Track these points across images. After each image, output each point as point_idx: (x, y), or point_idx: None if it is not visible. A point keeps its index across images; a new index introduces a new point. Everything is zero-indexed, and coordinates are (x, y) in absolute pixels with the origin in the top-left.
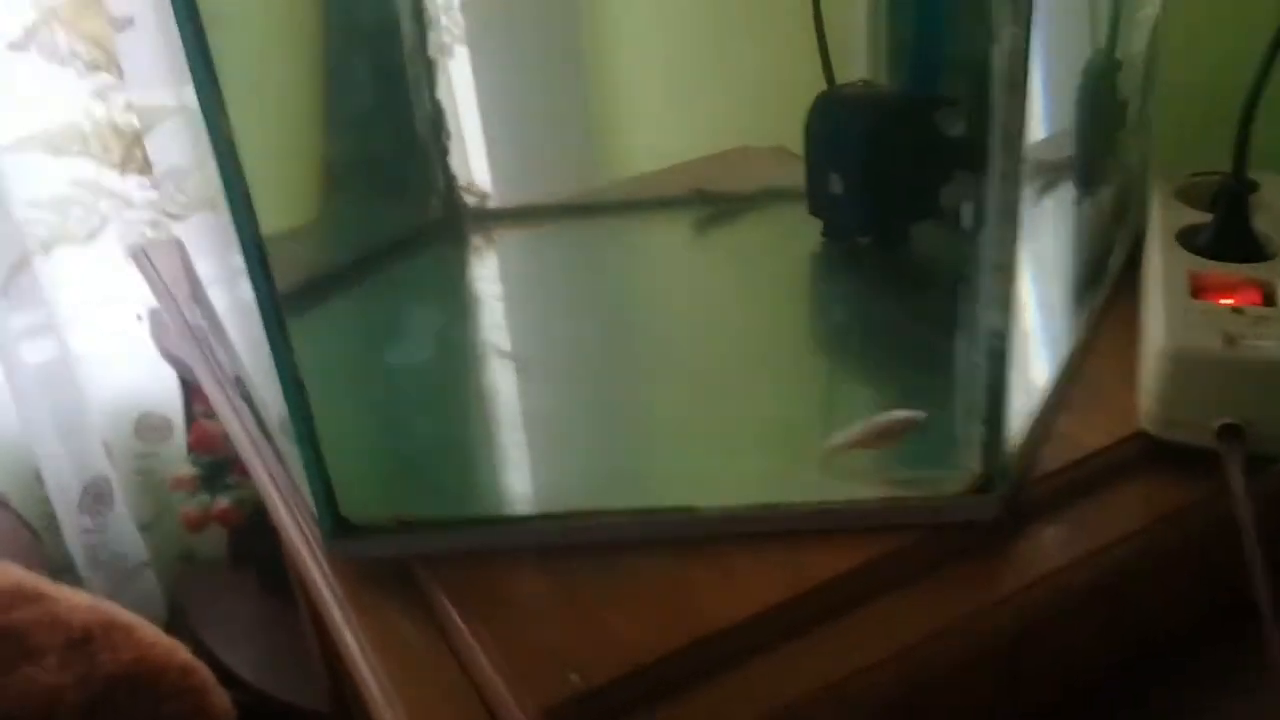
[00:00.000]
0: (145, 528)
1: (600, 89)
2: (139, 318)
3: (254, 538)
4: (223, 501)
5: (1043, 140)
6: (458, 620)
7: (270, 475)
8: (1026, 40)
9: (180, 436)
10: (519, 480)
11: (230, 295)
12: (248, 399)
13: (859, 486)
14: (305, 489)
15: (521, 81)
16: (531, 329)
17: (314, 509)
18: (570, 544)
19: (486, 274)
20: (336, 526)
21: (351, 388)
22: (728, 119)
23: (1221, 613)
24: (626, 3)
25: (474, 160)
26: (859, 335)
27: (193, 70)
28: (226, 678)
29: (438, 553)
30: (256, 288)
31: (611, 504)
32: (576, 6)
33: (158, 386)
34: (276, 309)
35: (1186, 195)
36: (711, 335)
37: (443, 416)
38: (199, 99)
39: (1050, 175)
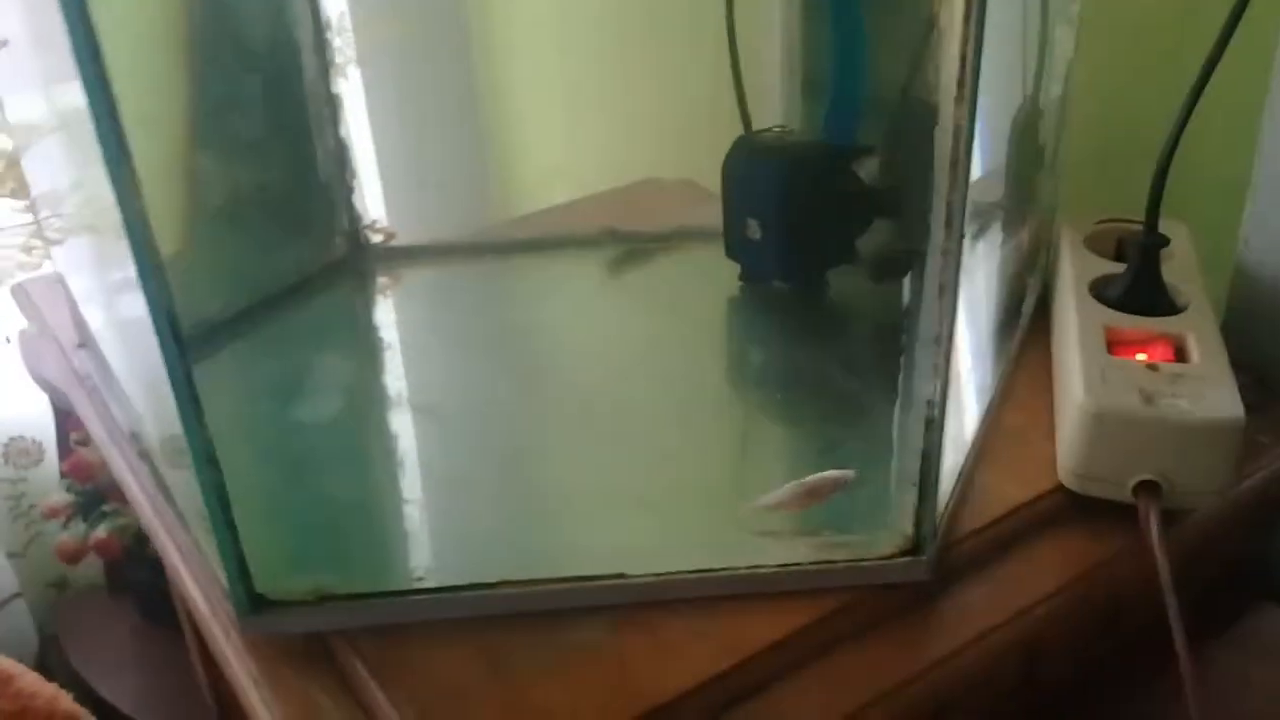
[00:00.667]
0: (15, 556)
1: (504, 117)
2: (8, 340)
3: (133, 565)
4: (99, 532)
5: (976, 184)
6: (382, 699)
7: (175, 544)
8: (971, 121)
9: (52, 461)
10: (442, 548)
11: (108, 315)
12: (145, 456)
13: (788, 548)
14: (217, 562)
15: (425, 112)
16: (447, 379)
17: (226, 585)
18: (499, 614)
19: (396, 318)
20: (251, 603)
21: (258, 449)
22: (634, 150)
23: (1139, 664)
24: (530, 29)
25: (380, 196)
26: (782, 385)
27: (96, 122)
28: (105, 712)
29: (359, 627)
30: (169, 364)
31: (540, 572)
32: (477, 29)
33: (27, 409)
34: (190, 386)
35: (1095, 243)
36: (634, 385)
37: (357, 478)
38: (102, 150)
39: (979, 222)
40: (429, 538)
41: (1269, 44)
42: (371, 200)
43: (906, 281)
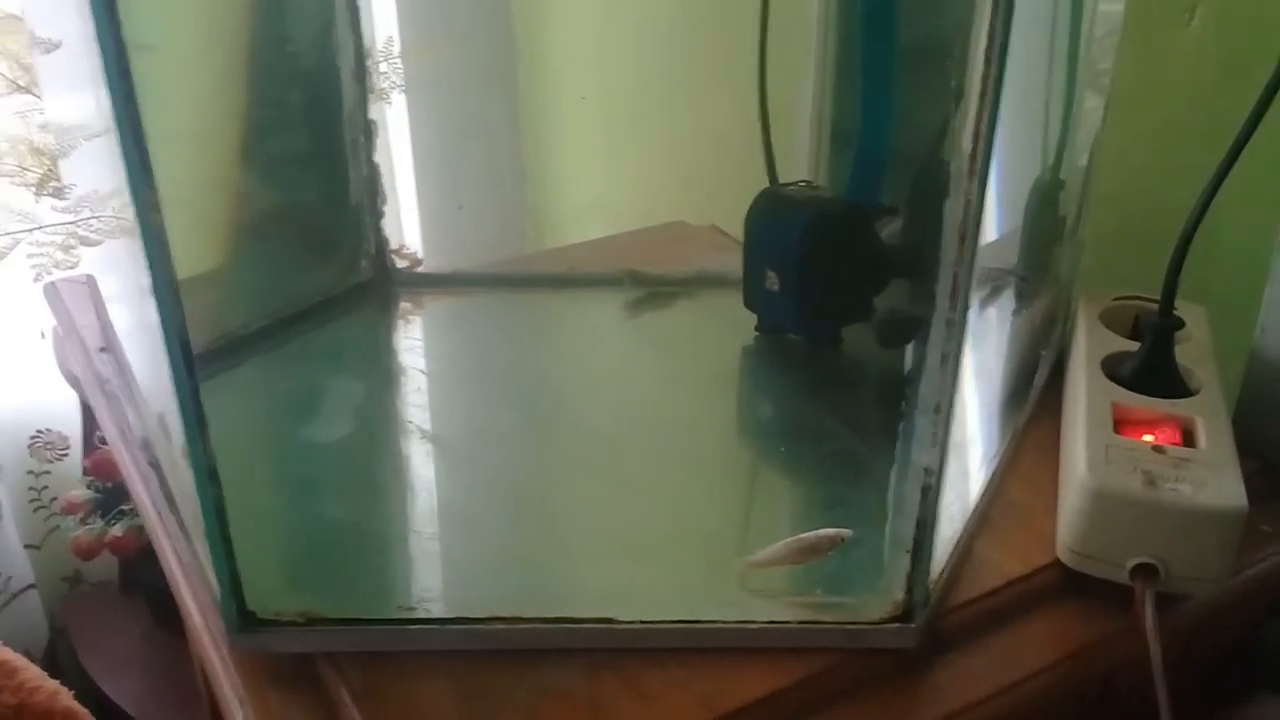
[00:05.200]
0: (32, 548)
1: (540, 153)
2: (42, 335)
3: (147, 565)
4: (116, 530)
5: (988, 249)
6: None
7: (175, 552)
8: (981, 196)
9: (77, 456)
10: (434, 579)
11: (134, 318)
12: (155, 465)
13: (778, 605)
14: (211, 575)
15: (460, 140)
16: (457, 408)
17: (219, 598)
18: (484, 649)
19: (413, 344)
20: (241, 620)
21: (262, 465)
22: (666, 193)
23: None
24: (573, 69)
25: (409, 223)
26: (788, 438)
27: (120, 133)
28: (106, 710)
29: (345, 651)
30: (178, 383)
31: (528, 610)
32: (523, 63)
33: (57, 404)
34: (197, 404)
35: (1111, 319)
36: (639, 429)
37: (357, 503)
38: (125, 167)
39: (988, 288)
40: (424, 567)
41: None
42: (402, 225)
43: (910, 346)
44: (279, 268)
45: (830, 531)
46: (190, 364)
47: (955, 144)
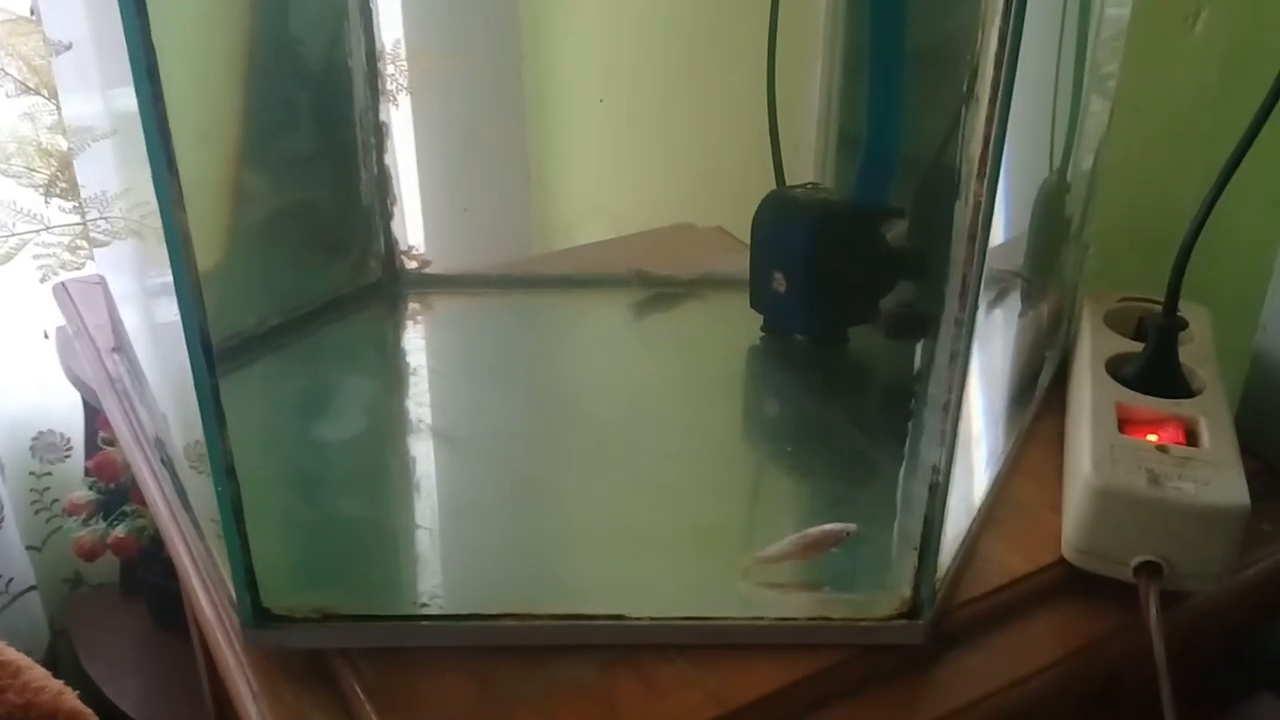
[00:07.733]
0: (33, 549)
1: (546, 154)
2: (45, 335)
3: (147, 567)
4: (119, 531)
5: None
6: None
7: (189, 550)
8: (991, 197)
9: (79, 457)
10: (447, 575)
11: (144, 318)
12: (168, 464)
13: (787, 601)
14: (227, 572)
15: (466, 141)
16: (467, 407)
17: (234, 595)
18: (496, 645)
19: (422, 344)
20: (256, 616)
21: (274, 463)
22: (671, 194)
23: None
24: (578, 71)
25: (413, 224)
26: (795, 437)
27: (144, 123)
28: (106, 711)
29: (358, 647)
30: (198, 381)
31: (540, 607)
32: (529, 64)
33: (59, 405)
34: (216, 402)
35: (1115, 320)
36: (646, 427)
37: (368, 500)
38: (151, 166)
39: (996, 289)
40: (435, 564)
41: None
42: (410, 226)
43: (920, 345)
44: (291, 267)
45: (835, 526)
46: (211, 364)
47: (965, 146)
